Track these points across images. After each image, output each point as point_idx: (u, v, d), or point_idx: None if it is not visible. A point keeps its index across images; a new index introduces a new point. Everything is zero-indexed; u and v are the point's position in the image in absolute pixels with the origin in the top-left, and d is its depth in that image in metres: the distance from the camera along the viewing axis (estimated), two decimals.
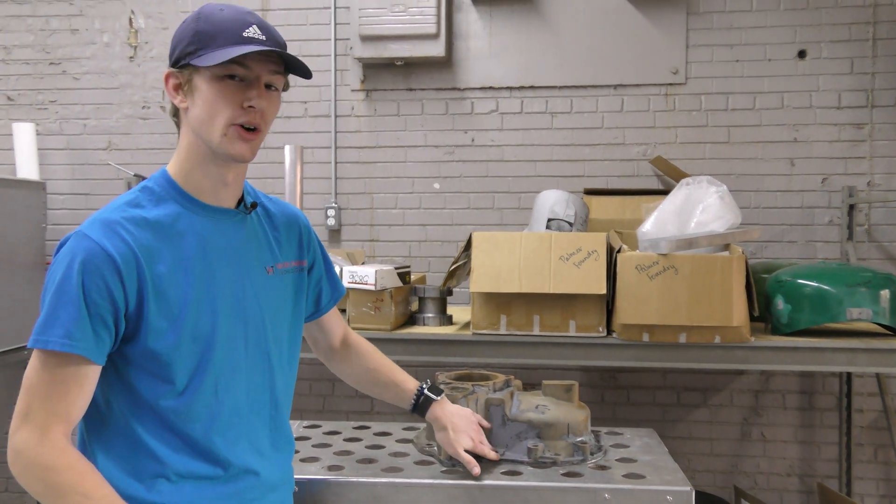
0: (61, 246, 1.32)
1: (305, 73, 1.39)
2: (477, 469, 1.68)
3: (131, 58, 4.01)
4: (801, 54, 3.64)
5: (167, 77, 1.38)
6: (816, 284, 2.72)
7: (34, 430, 1.24)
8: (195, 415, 1.36)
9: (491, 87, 3.82)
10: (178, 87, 1.37)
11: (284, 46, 1.38)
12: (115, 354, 1.32)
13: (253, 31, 1.32)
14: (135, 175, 3.52)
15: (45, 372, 1.26)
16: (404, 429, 2.14)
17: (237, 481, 1.41)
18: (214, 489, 1.39)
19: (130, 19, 4.01)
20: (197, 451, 1.37)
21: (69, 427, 1.28)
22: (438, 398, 1.75)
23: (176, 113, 1.40)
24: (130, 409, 1.34)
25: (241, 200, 1.46)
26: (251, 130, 1.35)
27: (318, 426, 2.18)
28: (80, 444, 1.39)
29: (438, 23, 3.62)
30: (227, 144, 1.34)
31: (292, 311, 1.55)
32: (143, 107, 4.01)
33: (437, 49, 3.66)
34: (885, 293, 2.68)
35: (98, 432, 1.35)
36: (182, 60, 1.34)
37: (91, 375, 1.28)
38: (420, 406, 1.75)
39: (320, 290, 1.67)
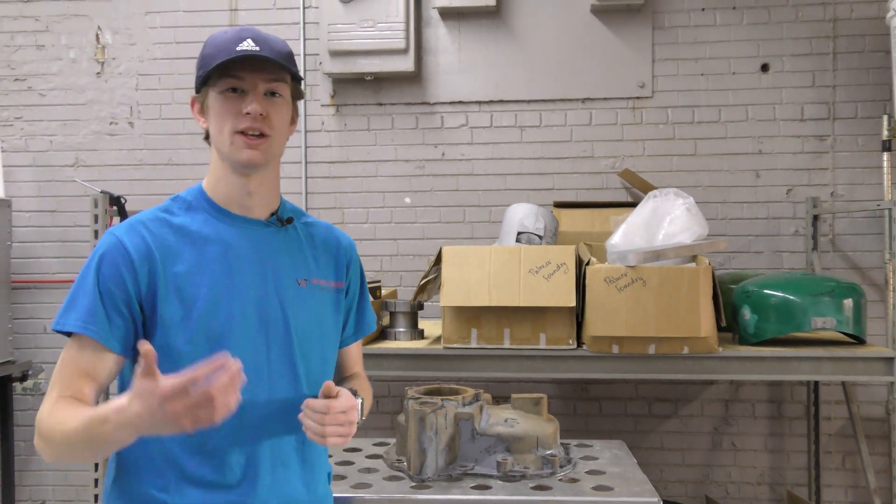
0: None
1: (294, 76, 1.45)
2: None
3: (98, 74, 3.98)
4: (765, 68, 3.71)
5: (192, 103, 1.50)
6: (782, 294, 2.76)
7: (46, 404, 1.33)
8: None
9: (460, 102, 3.84)
10: (200, 111, 1.49)
11: (282, 54, 1.44)
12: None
13: (247, 45, 1.41)
14: (102, 192, 3.47)
15: (66, 355, 1.37)
16: (374, 444, 2.13)
17: (253, 492, 1.41)
18: (228, 498, 1.40)
19: (97, 35, 3.98)
20: (217, 459, 1.39)
21: None
22: None
23: (207, 136, 1.50)
24: None
25: (275, 213, 1.52)
26: (256, 136, 1.41)
27: None
28: None
29: (407, 38, 3.63)
30: (234, 153, 1.42)
31: (326, 328, 1.56)
32: (111, 123, 3.97)
33: (406, 64, 3.67)
34: (848, 302, 2.72)
35: None
36: (197, 84, 1.46)
37: (105, 363, 1.36)
38: None
39: (347, 320, 1.65)
